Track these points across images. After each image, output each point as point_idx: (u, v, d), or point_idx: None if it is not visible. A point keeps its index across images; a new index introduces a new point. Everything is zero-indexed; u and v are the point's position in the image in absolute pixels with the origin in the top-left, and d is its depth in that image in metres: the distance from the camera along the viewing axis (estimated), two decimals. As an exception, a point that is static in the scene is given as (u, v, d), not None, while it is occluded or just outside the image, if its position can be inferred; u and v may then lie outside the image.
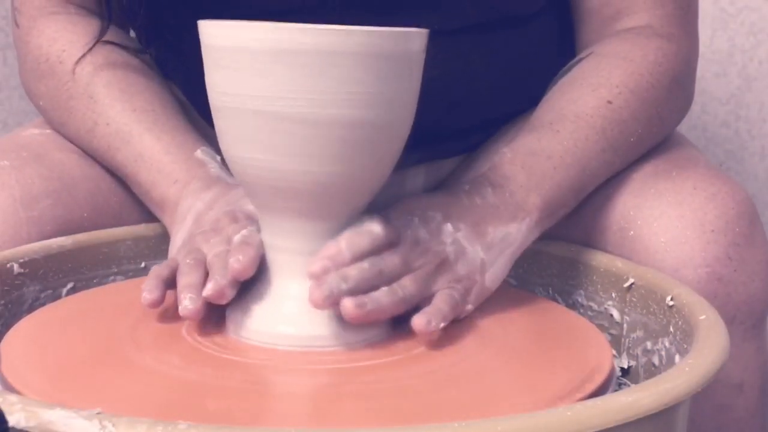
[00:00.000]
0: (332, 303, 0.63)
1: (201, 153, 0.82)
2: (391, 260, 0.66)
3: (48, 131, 0.91)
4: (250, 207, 0.72)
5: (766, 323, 0.80)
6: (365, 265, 0.65)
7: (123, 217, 0.87)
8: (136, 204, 0.87)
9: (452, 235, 0.70)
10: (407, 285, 0.67)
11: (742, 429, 0.80)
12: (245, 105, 0.63)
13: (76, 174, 0.85)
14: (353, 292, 0.63)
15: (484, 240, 0.71)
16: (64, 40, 0.87)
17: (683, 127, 1.47)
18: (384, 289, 0.65)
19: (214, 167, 0.81)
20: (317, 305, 0.63)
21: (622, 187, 0.82)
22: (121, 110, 0.84)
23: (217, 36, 0.64)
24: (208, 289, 0.65)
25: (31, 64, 0.89)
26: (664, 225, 0.77)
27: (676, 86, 0.86)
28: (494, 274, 0.72)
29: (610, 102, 0.81)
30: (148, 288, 0.68)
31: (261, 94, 0.62)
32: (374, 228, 0.66)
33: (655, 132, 0.85)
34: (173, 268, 0.70)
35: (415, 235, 0.69)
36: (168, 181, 0.81)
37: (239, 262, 0.65)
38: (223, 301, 0.66)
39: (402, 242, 0.68)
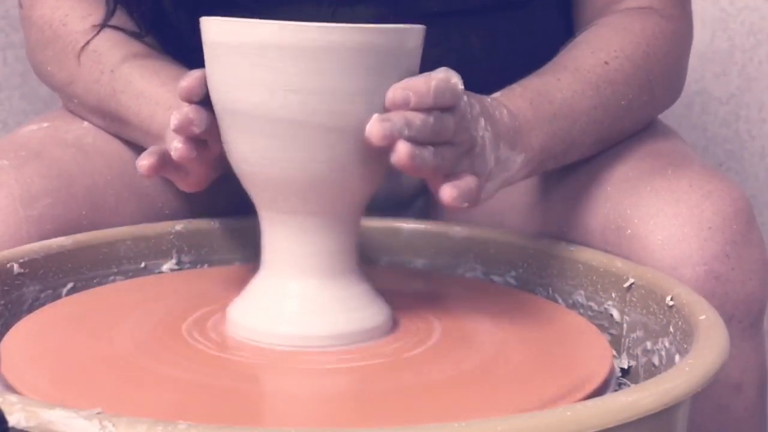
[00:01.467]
0: (388, 143, 0.62)
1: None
2: (448, 124, 0.65)
3: (45, 125, 0.91)
4: None
5: (763, 322, 0.80)
6: (431, 119, 0.63)
7: (119, 211, 0.87)
8: (133, 197, 0.88)
9: (483, 130, 0.69)
10: (447, 155, 0.65)
11: (741, 429, 0.80)
12: (245, 102, 0.63)
13: (73, 170, 0.85)
14: (410, 140, 0.62)
15: (497, 152, 0.71)
16: (66, 7, 0.91)
17: (683, 128, 1.48)
18: (431, 149, 0.64)
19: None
20: (373, 138, 0.61)
21: (619, 186, 0.82)
22: (123, 57, 0.87)
23: (219, 33, 0.64)
24: (173, 120, 0.67)
25: (36, 35, 0.93)
26: (661, 223, 0.77)
27: (671, 62, 0.89)
28: (488, 190, 0.71)
29: (606, 63, 0.84)
30: (142, 157, 0.70)
31: (260, 91, 0.62)
32: (457, 85, 0.65)
33: (646, 102, 0.87)
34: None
35: (463, 112, 0.67)
36: (163, 109, 0.83)
37: (184, 80, 0.68)
38: (194, 127, 0.67)
39: (456, 111, 0.66)
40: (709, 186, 0.78)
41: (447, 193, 0.64)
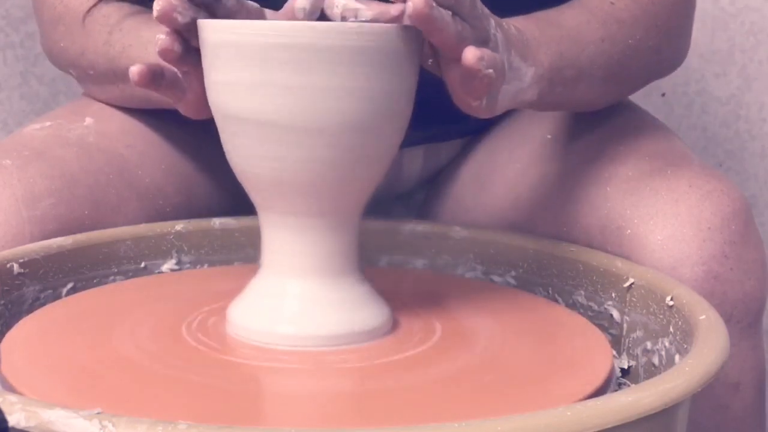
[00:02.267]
0: None
1: None
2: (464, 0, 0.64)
3: (48, 124, 0.91)
4: None
5: (761, 322, 0.80)
6: None
7: (121, 210, 0.87)
8: (134, 196, 0.88)
9: (494, 29, 0.68)
10: (466, 31, 0.64)
11: (740, 428, 0.80)
12: (242, 104, 0.63)
13: (75, 169, 0.85)
14: None
15: (509, 56, 0.69)
16: None
17: (683, 128, 1.48)
18: (451, 14, 0.62)
19: None
20: None
21: (619, 186, 0.82)
22: (131, 14, 0.89)
23: (216, 33, 0.64)
24: (155, 7, 0.64)
25: (48, 14, 0.94)
26: (661, 223, 0.77)
27: (676, 13, 0.88)
28: (504, 94, 0.69)
29: (612, 3, 0.83)
30: (135, 65, 0.67)
31: (257, 92, 0.62)
32: None
33: (653, 49, 0.86)
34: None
35: (475, 1, 0.66)
36: None
37: None
38: (177, 15, 0.64)
39: None
40: (709, 186, 0.78)
41: (471, 53, 0.61)
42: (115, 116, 0.94)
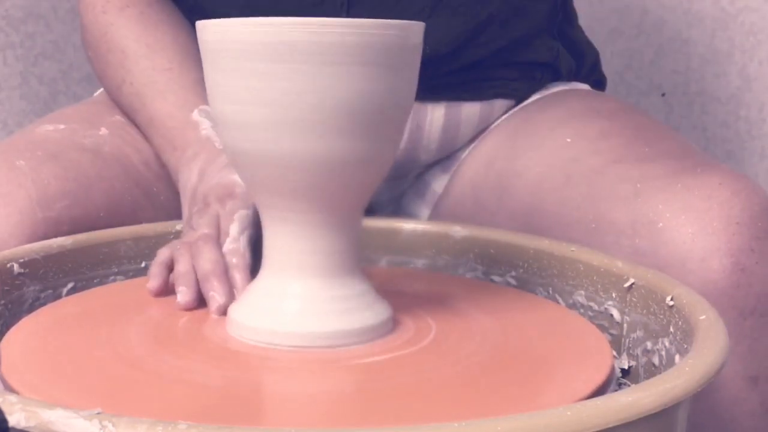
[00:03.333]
0: None
1: (198, 114, 0.88)
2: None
3: (62, 127, 0.91)
4: (234, 176, 0.77)
5: None
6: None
7: (137, 217, 0.88)
8: (150, 204, 0.88)
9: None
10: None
11: (756, 422, 0.81)
12: (242, 104, 0.63)
13: (91, 175, 0.86)
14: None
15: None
16: None
17: (683, 128, 1.48)
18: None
19: (205, 128, 0.87)
20: None
21: (651, 183, 0.85)
22: (143, 69, 0.92)
23: (215, 34, 0.64)
24: (179, 302, 0.71)
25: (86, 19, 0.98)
26: (693, 217, 0.80)
27: None
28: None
29: None
30: (151, 274, 0.73)
31: (257, 91, 0.62)
32: None
33: None
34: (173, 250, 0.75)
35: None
36: (170, 149, 0.88)
37: (214, 299, 0.71)
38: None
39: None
40: (738, 185, 0.82)
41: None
42: (131, 134, 0.95)
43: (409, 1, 0.97)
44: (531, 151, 0.96)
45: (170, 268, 0.74)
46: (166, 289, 0.74)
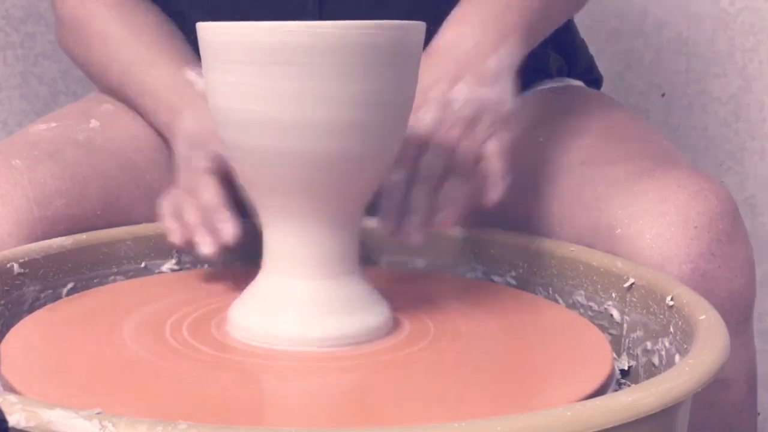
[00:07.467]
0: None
1: (190, 74, 0.89)
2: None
3: (54, 125, 0.91)
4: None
5: (751, 320, 0.81)
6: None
7: (133, 213, 0.88)
8: (145, 200, 0.88)
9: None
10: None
11: (729, 425, 0.81)
12: (241, 105, 0.63)
13: (87, 172, 0.86)
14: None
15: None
16: None
17: (683, 128, 1.47)
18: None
19: (201, 86, 0.87)
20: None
21: (609, 187, 0.83)
22: (129, 46, 0.93)
23: (214, 36, 0.64)
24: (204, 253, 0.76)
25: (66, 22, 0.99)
26: (649, 222, 0.78)
27: None
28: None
29: None
30: (168, 231, 0.79)
31: (256, 93, 0.62)
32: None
33: None
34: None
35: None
36: (166, 109, 0.89)
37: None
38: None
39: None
40: (696, 186, 0.79)
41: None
42: (121, 121, 0.94)
43: (384, 8, 0.94)
44: None
45: (179, 217, 0.78)
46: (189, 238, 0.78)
